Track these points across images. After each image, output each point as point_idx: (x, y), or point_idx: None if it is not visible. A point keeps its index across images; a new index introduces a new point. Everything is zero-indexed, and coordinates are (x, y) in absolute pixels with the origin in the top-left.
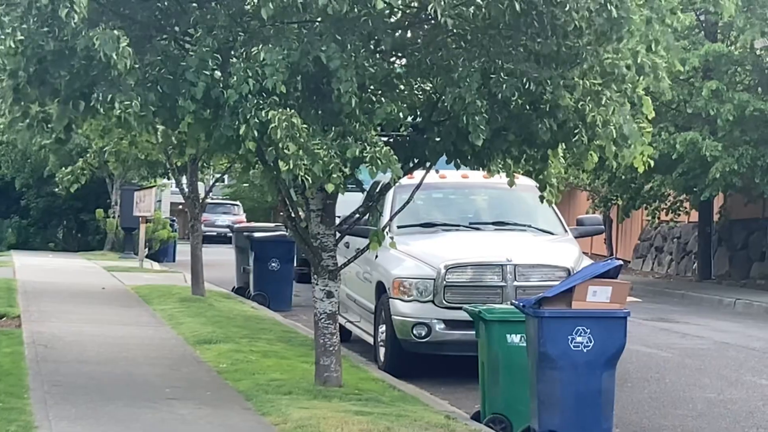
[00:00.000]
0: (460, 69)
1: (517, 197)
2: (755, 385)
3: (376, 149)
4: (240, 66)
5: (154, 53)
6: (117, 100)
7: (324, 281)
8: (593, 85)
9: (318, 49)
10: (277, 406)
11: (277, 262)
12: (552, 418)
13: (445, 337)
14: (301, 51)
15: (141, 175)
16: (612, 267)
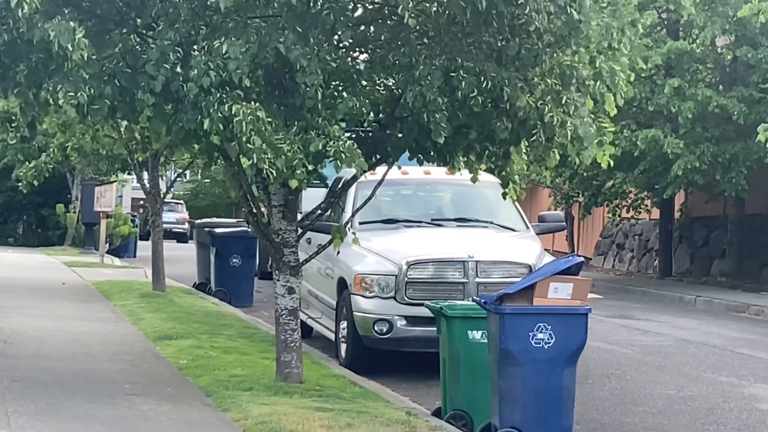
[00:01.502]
0: (421, 66)
1: (479, 194)
2: (715, 382)
3: (340, 143)
4: (201, 59)
5: (113, 46)
6: (62, 91)
7: (285, 277)
8: (553, 85)
9: (276, 40)
10: (237, 402)
11: (238, 258)
12: (513, 414)
13: (407, 333)
14: (259, 43)
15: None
16: (573, 264)
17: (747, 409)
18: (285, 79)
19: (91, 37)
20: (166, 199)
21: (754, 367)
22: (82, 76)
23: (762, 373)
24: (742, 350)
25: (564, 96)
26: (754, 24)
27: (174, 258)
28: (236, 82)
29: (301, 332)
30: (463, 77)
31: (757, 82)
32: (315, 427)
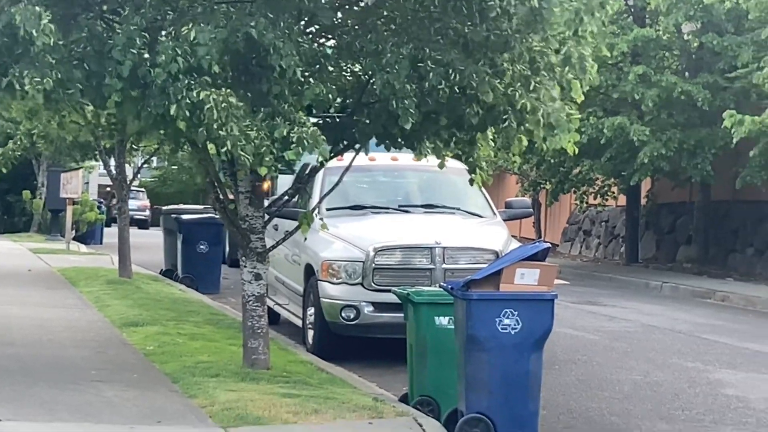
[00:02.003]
0: (389, 54)
1: (446, 180)
2: (681, 368)
3: (303, 129)
4: (168, 45)
5: (80, 31)
6: (28, 76)
7: (252, 263)
8: (523, 70)
9: (247, 25)
10: (204, 389)
11: (205, 245)
12: (479, 400)
13: (374, 319)
14: (230, 28)
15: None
16: (540, 250)
17: (712, 394)
18: (252, 64)
19: (57, 22)
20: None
21: (719, 353)
22: (49, 61)
23: (727, 359)
24: (708, 336)
25: (533, 82)
26: (719, 10)
27: (141, 245)
28: (205, 68)
29: (268, 318)
30: (431, 68)
31: (723, 69)
32: (282, 413)
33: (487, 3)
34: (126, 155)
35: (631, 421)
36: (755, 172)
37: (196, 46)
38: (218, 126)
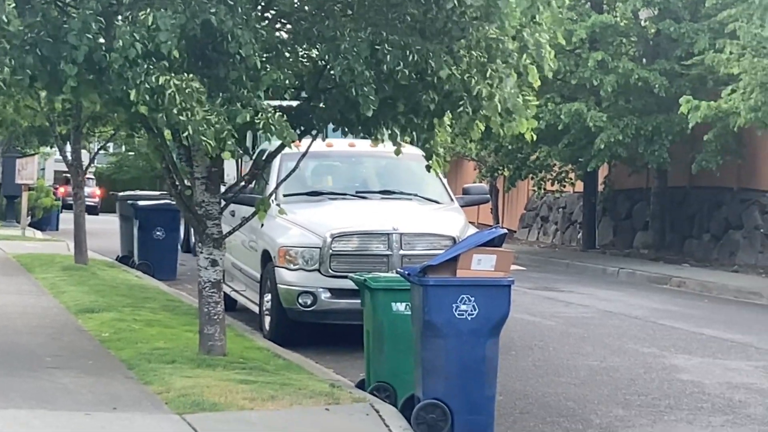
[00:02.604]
0: (347, 40)
1: (403, 166)
2: (637, 353)
3: (269, 115)
4: (126, 30)
5: (34, 16)
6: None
7: (209, 249)
8: (480, 57)
9: (207, 11)
10: (160, 375)
11: (162, 231)
12: (436, 386)
13: (331, 305)
14: (189, 14)
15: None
16: (496, 235)
17: (668, 380)
18: (208, 50)
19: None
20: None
21: (675, 338)
22: (4, 46)
23: (683, 344)
24: (664, 321)
25: (489, 69)
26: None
27: (97, 231)
28: (165, 54)
29: (224, 305)
30: (389, 50)
31: (680, 55)
32: (238, 400)
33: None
34: (82, 141)
35: (587, 407)
36: (710, 157)
37: (156, 31)
38: (179, 111)
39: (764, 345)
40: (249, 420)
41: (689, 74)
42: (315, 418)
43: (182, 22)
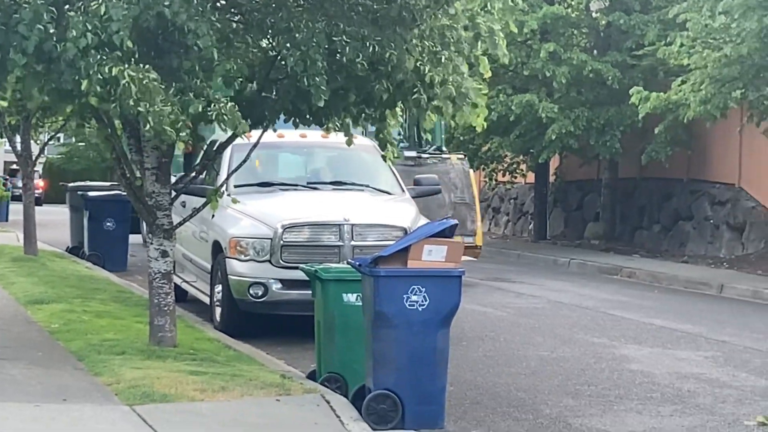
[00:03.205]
0: (304, 31)
1: (355, 157)
2: (587, 343)
3: (221, 105)
4: (78, 20)
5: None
6: None
7: (159, 240)
8: (432, 46)
9: (161, 3)
10: (110, 367)
11: (112, 222)
12: (387, 376)
13: (282, 296)
14: (143, 6)
15: None
16: (447, 226)
17: (618, 370)
18: (160, 40)
19: None
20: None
21: (625, 329)
22: None
23: (633, 334)
24: (614, 312)
25: (442, 57)
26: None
27: (47, 222)
28: (117, 44)
29: (175, 296)
30: (347, 42)
31: (630, 47)
32: (188, 391)
33: None
34: (31, 132)
35: (538, 397)
36: (660, 148)
37: (108, 21)
38: (135, 102)
39: (713, 335)
40: (199, 411)
41: (640, 65)
42: (265, 409)
43: (135, 14)
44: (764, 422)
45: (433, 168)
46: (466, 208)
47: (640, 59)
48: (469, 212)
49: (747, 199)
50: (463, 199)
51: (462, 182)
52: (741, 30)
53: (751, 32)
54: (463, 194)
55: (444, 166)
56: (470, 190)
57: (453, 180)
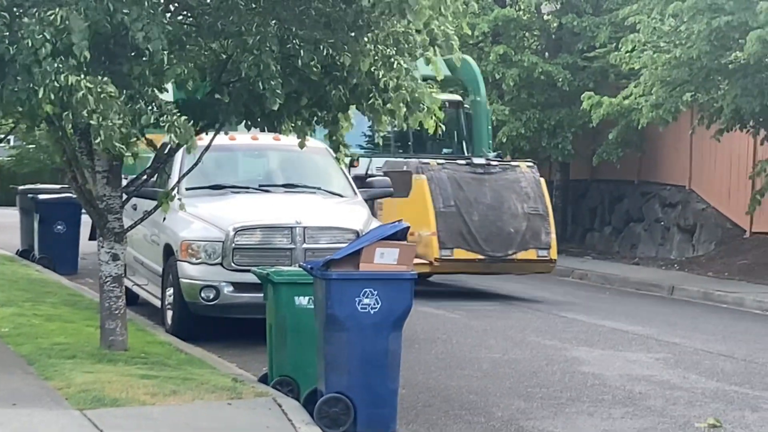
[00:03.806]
0: (255, 35)
1: (307, 159)
2: (539, 345)
3: (173, 118)
4: (34, 28)
5: None
6: None
7: (110, 244)
8: (386, 50)
9: (120, 11)
10: (60, 371)
11: (63, 225)
12: (339, 379)
13: (234, 299)
14: (103, 13)
15: None
16: (399, 229)
17: (569, 372)
18: (111, 44)
19: None
20: None
21: (577, 331)
22: None
23: (584, 336)
24: (566, 314)
25: (396, 61)
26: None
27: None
28: (76, 54)
29: (126, 299)
30: (300, 45)
31: (582, 49)
32: (139, 395)
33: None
34: None
35: (490, 399)
36: (611, 149)
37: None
38: (89, 114)
39: (664, 337)
40: (150, 415)
41: (591, 67)
42: (217, 413)
43: (95, 20)
44: (715, 424)
45: (503, 176)
46: (540, 219)
47: (591, 61)
48: (543, 224)
49: (697, 201)
50: (537, 209)
51: (534, 192)
52: (690, 33)
53: (701, 35)
54: (536, 204)
55: (514, 174)
56: (543, 200)
57: (525, 189)
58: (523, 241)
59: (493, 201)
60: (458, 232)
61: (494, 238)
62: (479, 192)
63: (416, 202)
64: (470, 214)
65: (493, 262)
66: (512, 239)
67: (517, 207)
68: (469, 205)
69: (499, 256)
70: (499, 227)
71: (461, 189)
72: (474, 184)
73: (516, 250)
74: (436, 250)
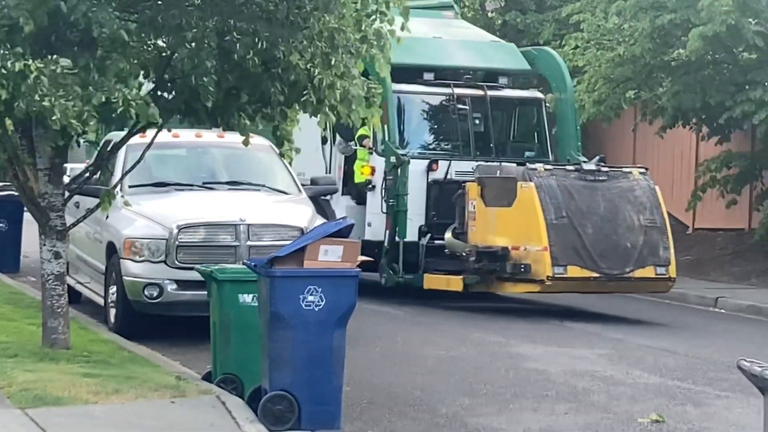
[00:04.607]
0: (194, 29)
1: (251, 157)
2: (483, 342)
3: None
4: None
5: None
6: None
7: (52, 242)
8: (323, 48)
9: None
10: (1, 369)
11: (4, 223)
12: (283, 377)
13: (178, 297)
14: None
15: None
16: (344, 226)
17: (514, 368)
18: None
19: None
20: None
21: (519, 328)
22: None
23: (528, 333)
24: (510, 311)
25: (333, 59)
26: None
27: None
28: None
29: (68, 297)
30: (237, 39)
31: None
32: (82, 393)
33: None
34: None
35: (434, 396)
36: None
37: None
38: (40, 97)
39: (608, 333)
40: (93, 414)
41: None
42: (160, 411)
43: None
44: (658, 419)
45: (616, 184)
46: (657, 232)
47: None
48: (661, 238)
49: None
50: (654, 221)
51: (651, 202)
52: (634, 30)
53: (644, 32)
54: (653, 216)
55: (627, 181)
56: (660, 210)
57: (640, 199)
58: (641, 257)
59: (607, 212)
60: (572, 247)
61: (610, 253)
62: (592, 201)
63: (523, 212)
64: (584, 227)
65: (610, 280)
66: (629, 255)
67: (633, 219)
68: (582, 217)
69: (616, 274)
70: (614, 241)
71: (573, 198)
72: (586, 192)
73: (633, 267)
74: (549, 268)
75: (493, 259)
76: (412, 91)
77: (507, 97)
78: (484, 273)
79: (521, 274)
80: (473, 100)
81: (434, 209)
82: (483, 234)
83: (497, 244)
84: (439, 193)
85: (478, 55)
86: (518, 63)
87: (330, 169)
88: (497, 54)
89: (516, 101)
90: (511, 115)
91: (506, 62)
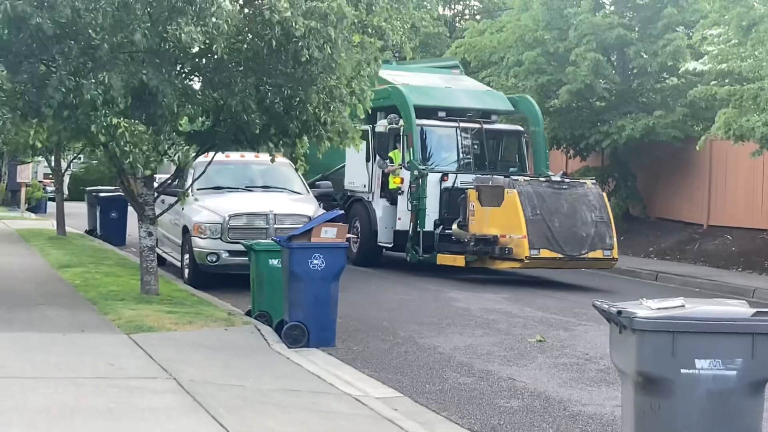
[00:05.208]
0: (239, 84)
1: (277, 169)
2: (428, 290)
3: (180, 148)
4: (90, 86)
5: (23, 73)
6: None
7: (146, 225)
8: (324, 99)
9: (140, 72)
10: (114, 308)
11: (116, 213)
12: (297, 313)
13: (229, 261)
14: (129, 74)
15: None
16: (336, 215)
17: (447, 306)
18: (145, 95)
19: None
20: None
21: (453, 280)
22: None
23: (457, 284)
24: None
25: (331, 106)
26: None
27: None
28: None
29: (157, 262)
30: (269, 90)
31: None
32: (166, 324)
33: (299, 53)
34: (61, 153)
35: (396, 324)
36: None
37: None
38: (125, 143)
39: (510, 284)
40: (174, 338)
41: None
42: (218, 335)
43: (126, 79)
44: (541, 339)
45: (575, 191)
46: (605, 226)
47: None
48: (607, 230)
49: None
50: (602, 218)
51: (599, 203)
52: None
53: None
54: (602, 214)
55: (583, 189)
56: (606, 210)
57: (592, 201)
58: (593, 243)
59: (569, 211)
60: (544, 236)
61: (571, 240)
62: (557, 203)
63: (508, 210)
64: (552, 222)
65: (570, 260)
66: (584, 242)
67: (587, 216)
68: (551, 214)
69: (575, 255)
70: (574, 232)
71: (544, 201)
72: (553, 197)
73: (587, 250)
74: (527, 250)
75: (487, 244)
76: (430, 125)
77: (497, 129)
78: (480, 254)
79: (507, 255)
80: (473, 132)
81: (445, 208)
82: (479, 226)
83: (490, 233)
84: (448, 197)
85: (476, 100)
86: (505, 105)
87: (371, 179)
88: (490, 99)
89: (504, 133)
90: (500, 142)
91: (497, 105)
